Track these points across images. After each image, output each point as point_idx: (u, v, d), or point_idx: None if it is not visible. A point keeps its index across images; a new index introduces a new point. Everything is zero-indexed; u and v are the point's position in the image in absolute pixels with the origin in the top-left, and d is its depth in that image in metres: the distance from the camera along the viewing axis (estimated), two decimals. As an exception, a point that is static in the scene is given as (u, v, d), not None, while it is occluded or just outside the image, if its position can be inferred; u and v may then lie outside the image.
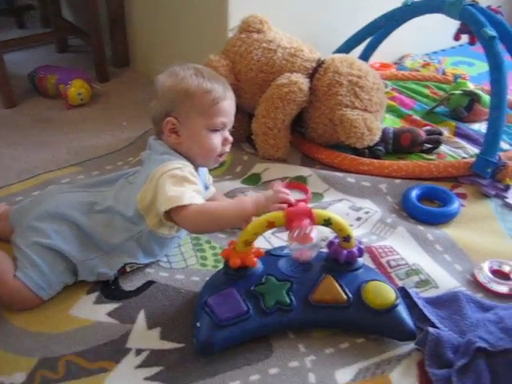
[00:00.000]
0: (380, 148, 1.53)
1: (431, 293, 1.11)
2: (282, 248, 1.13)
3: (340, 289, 1.01)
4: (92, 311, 1.07)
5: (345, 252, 1.03)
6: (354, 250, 1.04)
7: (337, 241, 1.05)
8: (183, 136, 1.12)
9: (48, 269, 1.07)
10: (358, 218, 1.34)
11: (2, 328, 1.03)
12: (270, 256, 1.08)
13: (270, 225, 0.98)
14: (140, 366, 0.96)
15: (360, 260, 1.06)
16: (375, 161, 1.48)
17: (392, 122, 1.74)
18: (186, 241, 1.25)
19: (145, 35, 2.10)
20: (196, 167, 1.15)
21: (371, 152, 1.53)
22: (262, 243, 1.22)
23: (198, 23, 1.80)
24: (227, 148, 1.17)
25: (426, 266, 1.18)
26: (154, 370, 0.96)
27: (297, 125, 1.59)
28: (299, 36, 1.63)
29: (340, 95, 1.46)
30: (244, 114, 1.59)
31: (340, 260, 1.04)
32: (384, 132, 1.54)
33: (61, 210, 1.11)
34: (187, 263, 1.19)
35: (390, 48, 1.98)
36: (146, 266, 1.16)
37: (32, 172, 1.50)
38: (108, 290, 1.12)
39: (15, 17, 2.62)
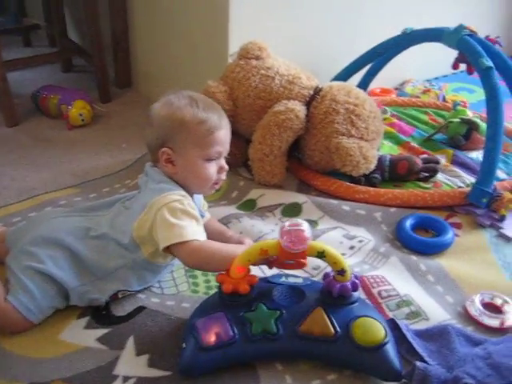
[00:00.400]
0: (376, 176, 1.54)
1: (421, 325, 1.11)
2: (280, 276, 1.12)
3: (329, 322, 1.00)
4: (82, 336, 1.07)
5: (338, 285, 1.03)
6: (348, 283, 1.04)
7: (332, 273, 1.05)
8: (179, 166, 1.12)
9: (39, 294, 1.07)
10: (352, 247, 1.34)
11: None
12: (267, 283, 1.08)
13: (263, 253, 0.99)
14: (126, 395, 0.97)
15: (355, 294, 1.05)
16: (371, 189, 1.49)
17: (390, 149, 1.75)
18: (178, 267, 1.25)
19: (147, 57, 2.13)
20: (191, 194, 1.16)
21: (367, 179, 1.53)
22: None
23: (199, 47, 1.83)
24: (223, 176, 1.17)
25: (417, 297, 1.18)
26: (141, 397, 0.96)
27: (294, 150, 1.60)
28: (298, 62, 1.65)
29: (336, 123, 1.47)
30: (241, 139, 1.60)
31: (333, 293, 1.04)
32: (380, 160, 1.55)
33: (55, 235, 1.12)
34: (178, 289, 1.20)
35: (391, 73, 2.00)
36: (138, 291, 1.17)
37: (30, 192, 1.52)
38: (99, 315, 1.12)
39: (22, 35, 2.66)
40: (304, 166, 1.60)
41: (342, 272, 1.02)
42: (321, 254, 0.99)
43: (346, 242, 1.36)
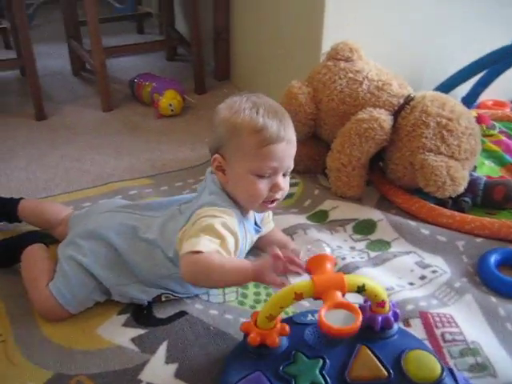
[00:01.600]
0: (466, 199, 1.37)
1: (486, 382, 0.96)
2: (305, 314, 1.01)
3: (378, 362, 0.89)
4: (117, 333, 1.05)
5: (380, 318, 0.92)
6: (389, 315, 0.92)
7: (368, 304, 0.94)
8: (229, 176, 1.05)
9: (78, 285, 1.07)
10: (423, 277, 1.20)
11: (32, 335, 1.05)
12: (294, 324, 0.97)
13: (298, 297, 0.87)
14: (145, 403, 0.93)
15: (395, 325, 0.94)
16: (457, 213, 1.33)
17: (490, 171, 1.55)
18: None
19: (247, 51, 2.09)
20: (246, 209, 1.09)
21: (456, 202, 1.37)
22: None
23: (294, 45, 1.75)
24: (278, 195, 1.05)
25: (487, 346, 1.02)
26: (158, 411, 0.92)
27: (379, 160, 1.48)
28: (398, 68, 1.51)
29: (424, 137, 1.32)
30: (323, 143, 1.51)
31: (375, 328, 0.92)
32: (475, 181, 1.37)
33: (103, 231, 1.11)
34: (225, 298, 1.14)
35: (506, 84, 1.78)
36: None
37: (106, 179, 1.54)
38: (139, 313, 1.10)
39: (136, 22, 2.76)
40: (387, 180, 1.47)
41: (382, 304, 0.90)
42: (361, 289, 0.88)
43: (417, 270, 1.22)
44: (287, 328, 0.92)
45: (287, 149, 1.03)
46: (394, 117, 1.38)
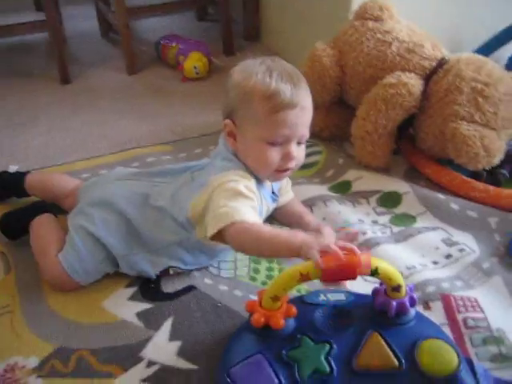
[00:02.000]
0: (504, 172, 1.26)
1: (509, 375, 0.88)
2: (317, 293, 0.94)
3: (389, 350, 0.82)
4: (123, 307, 1.03)
5: (394, 303, 0.84)
6: (405, 300, 0.85)
7: (383, 288, 0.87)
8: (240, 143, 0.99)
9: (87, 255, 1.05)
10: (448, 256, 1.11)
11: (37, 306, 1.04)
12: (304, 304, 0.91)
13: (303, 278, 0.82)
14: (145, 381, 0.90)
15: (412, 311, 0.86)
16: (491, 187, 1.22)
17: (533, 140, 1.43)
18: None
19: (277, 10, 1.98)
20: (259, 176, 1.02)
21: (491, 175, 1.27)
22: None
23: (322, 4, 1.64)
24: (290, 164, 0.99)
25: (514, 335, 0.95)
26: (157, 390, 0.89)
27: (409, 128, 1.38)
28: (436, 28, 1.39)
29: (457, 104, 1.21)
30: (349, 109, 1.41)
31: (389, 314, 0.86)
32: (512, 152, 1.27)
33: (114, 199, 1.07)
34: (236, 273, 1.10)
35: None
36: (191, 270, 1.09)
37: (124, 145, 1.51)
38: (147, 287, 1.07)
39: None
40: (417, 149, 1.37)
41: (397, 288, 0.83)
42: (374, 272, 0.81)
43: (443, 248, 1.13)
44: (294, 309, 0.86)
45: (301, 116, 0.96)
46: (426, 81, 1.27)
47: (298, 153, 0.99)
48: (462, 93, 1.22)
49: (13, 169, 1.40)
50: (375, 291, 0.89)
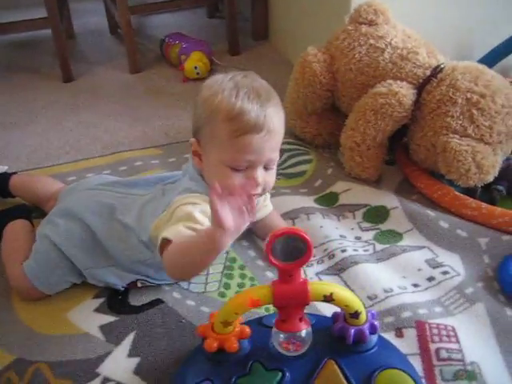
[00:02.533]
0: (500, 188, 1.19)
1: (475, 413, 0.83)
2: (274, 315, 0.87)
3: (345, 380, 0.78)
4: (87, 319, 1.01)
5: (352, 331, 0.80)
6: (365, 327, 0.81)
7: (343, 313, 0.82)
8: (204, 163, 0.95)
9: (51, 265, 1.03)
10: (430, 278, 1.05)
11: (4, 313, 1.03)
12: (261, 326, 0.87)
13: (254, 303, 0.78)
14: (97, 399, 0.89)
15: (373, 338, 0.82)
16: (484, 205, 1.15)
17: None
18: (220, 260, 1.12)
19: (285, 9, 1.92)
20: None
21: (486, 191, 1.20)
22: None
23: (323, 5, 1.58)
24: (255, 190, 0.92)
25: (489, 369, 0.87)
26: (110, 408, 0.87)
27: (404, 137, 1.31)
28: (440, 33, 1.32)
29: (450, 116, 1.14)
30: (344, 117, 1.35)
31: (347, 341, 0.81)
32: (510, 168, 1.19)
33: (79, 210, 1.05)
34: (206, 289, 1.06)
35: None
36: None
37: (116, 148, 1.49)
38: (114, 299, 1.05)
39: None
40: (412, 161, 1.31)
41: (355, 315, 0.79)
42: (328, 298, 0.77)
43: (426, 269, 1.07)
44: (247, 330, 0.83)
45: (267, 139, 0.89)
46: (419, 91, 1.20)
47: (266, 178, 0.93)
48: (455, 104, 1.15)
49: (2, 169, 1.40)
50: (335, 316, 0.85)
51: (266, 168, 0.93)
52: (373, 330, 0.82)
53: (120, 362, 0.93)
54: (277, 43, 2.02)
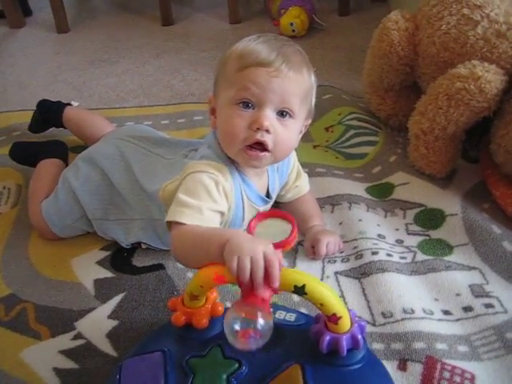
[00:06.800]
0: None
1: None
2: None
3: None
4: (86, 270, 0.99)
5: (327, 337, 0.66)
6: (342, 337, 0.66)
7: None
8: (217, 118, 0.85)
9: (66, 209, 1.02)
10: (468, 308, 0.86)
11: (17, 249, 1.05)
12: None
13: (218, 279, 0.68)
14: (63, 353, 0.85)
15: (356, 353, 0.67)
16: None
17: None
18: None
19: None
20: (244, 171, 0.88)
21: None
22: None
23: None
24: (260, 135, 0.79)
25: None
26: (70, 364, 0.83)
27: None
28: None
29: (542, 115, 0.91)
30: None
31: (320, 347, 0.67)
32: None
33: (102, 158, 1.01)
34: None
35: None
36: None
37: (184, 98, 1.44)
38: (119, 255, 1.01)
39: None
40: (495, 163, 1.08)
41: (333, 318, 0.65)
42: (300, 290, 0.64)
43: (466, 296, 0.88)
44: (220, 308, 0.74)
45: (279, 78, 0.78)
46: (510, 78, 0.97)
47: (277, 129, 0.80)
48: (552, 101, 0.91)
49: (74, 105, 1.41)
50: (317, 317, 0.71)
51: (281, 114, 0.81)
52: (354, 344, 0.67)
53: (98, 322, 0.90)
54: (396, 6, 1.80)
